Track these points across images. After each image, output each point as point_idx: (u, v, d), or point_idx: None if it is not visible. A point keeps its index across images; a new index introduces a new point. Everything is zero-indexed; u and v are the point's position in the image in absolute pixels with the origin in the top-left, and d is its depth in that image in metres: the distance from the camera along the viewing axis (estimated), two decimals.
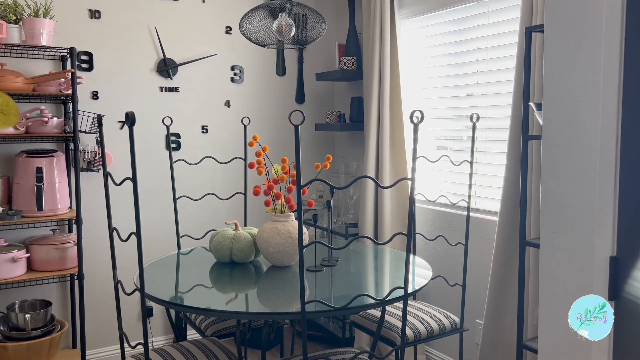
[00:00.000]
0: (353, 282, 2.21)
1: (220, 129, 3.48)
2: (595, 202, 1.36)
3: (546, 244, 1.50)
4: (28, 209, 2.70)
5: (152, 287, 2.06)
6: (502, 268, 2.52)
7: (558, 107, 1.48)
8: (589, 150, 1.39)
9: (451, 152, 3.03)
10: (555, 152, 1.48)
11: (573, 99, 1.44)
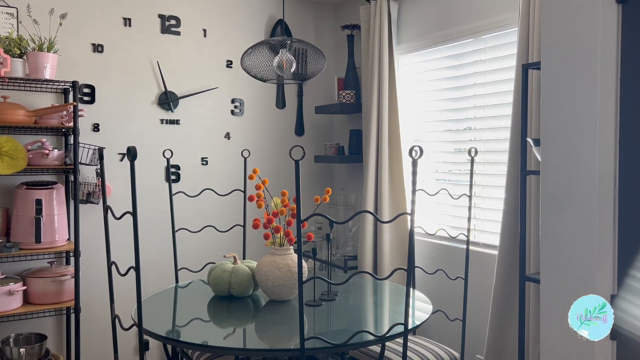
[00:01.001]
0: (352, 317, 2.19)
1: (220, 161, 3.50)
2: (594, 241, 1.36)
3: (547, 282, 1.50)
4: (26, 241, 2.69)
5: (149, 321, 2.03)
6: (502, 303, 2.50)
7: (556, 146, 1.50)
8: (587, 189, 1.40)
9: (450, 184, 3.04)
10: (554, 190, 1.49)
11: (570, 138, 1.46)
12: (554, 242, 1.47)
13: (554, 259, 1.47)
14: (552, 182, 1.49)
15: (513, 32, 2.60)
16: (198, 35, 3.42)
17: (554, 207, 1.48)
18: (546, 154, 1.53)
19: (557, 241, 1.46)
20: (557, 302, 1.47)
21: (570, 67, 1.46)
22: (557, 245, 1.46)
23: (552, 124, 1.52)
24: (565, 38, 1.47)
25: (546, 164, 1.52)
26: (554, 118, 1.50)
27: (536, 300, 2.33)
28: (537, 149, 2.06)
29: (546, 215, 1.50)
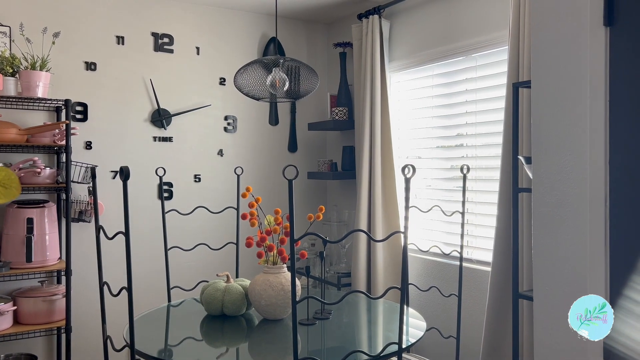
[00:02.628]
0: (346, 336, 2.18)
1: (213, 178, 3.50)
2: (587, 258, 1.37)
3: (540, 299, 1.50)
4: (17, 260, 2.67)
5: (142, 341, 2.01)
6: (496, 320, 2.50)
7: (547, 162, 1.51)
8: (578, 206, 1.41)
9: (442, 201, 3.05)
10: (545, 209, 1.50)
11: (561, 155, 1.48)
12: (546, 260, 1.48)
13: (546, 277, 1.48)
14: (543, 200, 1.50)
15: (504, 51, 2.63)
16: (191, 53, 3.44)
17: (546, 225, 1.49)
18: (537, 172, 1.54)
19: (549, 258, 1.47)
20: (550, 319, 1.47)
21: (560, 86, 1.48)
22: (550, 263, 1.46)
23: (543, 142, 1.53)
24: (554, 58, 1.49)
25: (538, 182, 1.53)
26: (545, 136, 1.52)
27: (530, 317, 2.33)
28: (529, 167, 2.07)
29: (538, 232, 1.51)
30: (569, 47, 1.44)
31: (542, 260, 1.49)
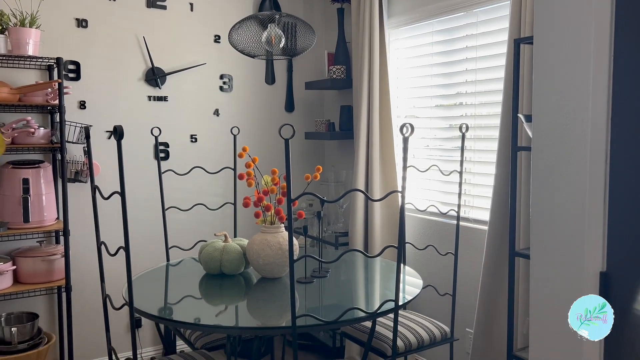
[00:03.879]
0: (344, 294, 2.21)
1: (209, 138, 3.46)
2: (585, 218, 1.36)
3: (536, 259, 1.51)
4: (14, 221, 2.67)
5: (141, 300, 2.03)
6: (491, 278, 2.52)
7: (547, 121, 1.49)
8: (578, 164, 1.39)
9: (440, 161, 3.04)
10: (544, 165, 1.48)
11: (562, 113, 1.45)
12: (544, 218, 1.47)
13: (544, 235, 1.47)
14: (543, 158, 1.48)
15: (505, 6, 2.56)
16: (185, 9, 3.35)
17: (544, 183, 1.47)
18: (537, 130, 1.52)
19: (547, 217, 1.46)
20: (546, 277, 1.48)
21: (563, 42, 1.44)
22: (548, 221, 1.46)
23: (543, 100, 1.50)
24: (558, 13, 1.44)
25: (537, 140, 1.51)
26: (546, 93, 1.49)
27: (525, 275, 2.35)
28: (529, 125, 2.05)
29: (537, 191, 1.50)
30: (573, 1, 1.40)
31: (539, 218, 1.49)
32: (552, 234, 1.45)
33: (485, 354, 2.57)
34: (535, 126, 1.54)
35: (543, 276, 1.48)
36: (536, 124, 1.53)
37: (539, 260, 1.50)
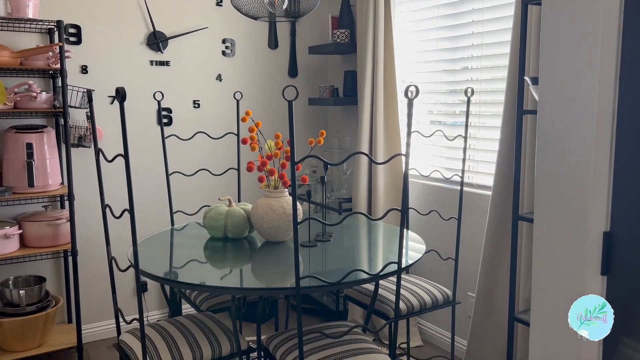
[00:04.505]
0: (347, 257, 2.22)
1: (212, 103, 3.44)
2: (589, 178, 1.36)
3: (540, 220, 1.51)
4: (19, 186, 2.68)
5: (146, 263, 2.05)
6: (494, 242, 2.54)
7: (554, 83, 1.47)
8: (585, 126, 1.38)
9: (445, 126, 3.02)
10: (550, 127, 1.47)
11: (569, 74, 1.43)
12: (548, 180, 1.47)
13: (548, 197, 1.47)
14: (549, 120, 1.47)
15: None
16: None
17: (550, 145, 1.47)
18: (544, 91, 1.50)
19: (552, 179, 1.46)
20: (550, 240, 1.48)
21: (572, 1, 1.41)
22: (552, 183, 1.46)
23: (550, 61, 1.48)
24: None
25: (543, 101, 1.50)
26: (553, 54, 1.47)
27: (528, 239, 2.36)
28: (535, 88, 2.03)
29: (542, 152, 1.49)
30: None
31: (544, 180, 1.49)
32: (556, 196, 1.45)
33: (487, 317, 2.60)
34: (542, 88, 1.52)
35: (546, 239, 1.49)
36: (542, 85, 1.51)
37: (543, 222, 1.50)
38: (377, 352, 1.96)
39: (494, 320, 2.58)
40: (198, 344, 2.00)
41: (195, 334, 2.06)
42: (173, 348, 1.96)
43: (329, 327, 2.12)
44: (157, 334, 2.05)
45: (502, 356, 2.54)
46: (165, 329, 2.09)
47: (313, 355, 1.90)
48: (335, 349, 1.94)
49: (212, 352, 2.00)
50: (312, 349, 1.94)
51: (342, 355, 1.91)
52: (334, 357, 1.89)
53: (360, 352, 1.94)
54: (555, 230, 1.45)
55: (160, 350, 1.94)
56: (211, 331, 2.09)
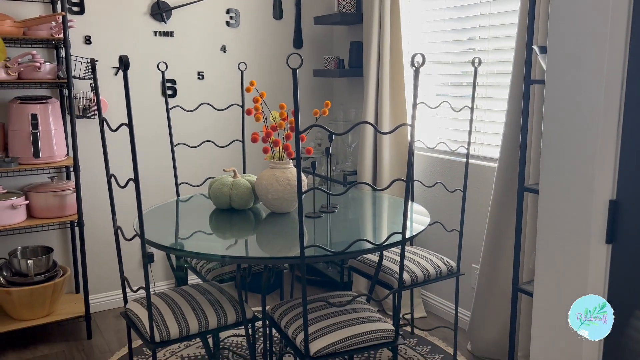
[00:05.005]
0: (351, 228, 2.23)
1: (216, 75, 3.42)
2: (597, 145, 1.34)
3: (545, 189, 1.50)
4: (24, 156, 2.68)
5: (153, 234, 2.07)
6: (499, 214, 2.53)
7: (563, 49, 1.45)
8: (593, 93, 1.36)
9: (451, 98, 2.99)
10: (557, 94, 1.45)
11: (578, 41, 1.41)
12: (555, 148, 1.45)
13: (554, 166, 1.46)
14: (556, 87, 1.45)
15: None
16: None
17: (557, 113, 1.45)
18: (552, 59, 1.48)
19: (558, 147, 1.44)
20: (555, 208, 1.47)
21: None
22: (558, 151, 1.44)
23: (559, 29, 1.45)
24: None
25: (551, 68, 1.48)
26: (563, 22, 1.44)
27: (533, 210, 2.35)
28: (543, 57, 1.99)
29: (549, 121, 1.48)
30: None
31: (550, 149, 1.47)
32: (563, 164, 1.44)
33: (491, 289, 2.61)
34: (550, 56, 1.49)
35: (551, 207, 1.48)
36: (551, 53, 1.49)
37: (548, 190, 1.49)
38: (380, 321, 1.98)
39: (498, 291, 2.59)
40: (204, 312, 2.02)
41: (201, 302, 2.08)
42: (179, 316, 1.98)
43: (333, 297, 2.14)
44: (163, 303, 2.08)
45: (505, 327, 2.56)
46: (171, 298, 2.12)
47: (317, 323, 1.92)
48: (339, 317, 1.96)
49: (218, 321, 2.02)
50: (316, 317, 1.96)
51: (346, 323, 1.93)
52: (338, 325, 1.91)
53: (364, 320, 1.96)
54: (560, 198, 1.45)
55: (167, 318, 1.97)
56: (217, 300, 2.11)
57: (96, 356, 2.71)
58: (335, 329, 1.89)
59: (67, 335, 2.92)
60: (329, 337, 1.86)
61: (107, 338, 2.90)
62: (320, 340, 1.85)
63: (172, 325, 1.94)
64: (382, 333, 1.93)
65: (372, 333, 1.91)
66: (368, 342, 1.90)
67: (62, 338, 2.88)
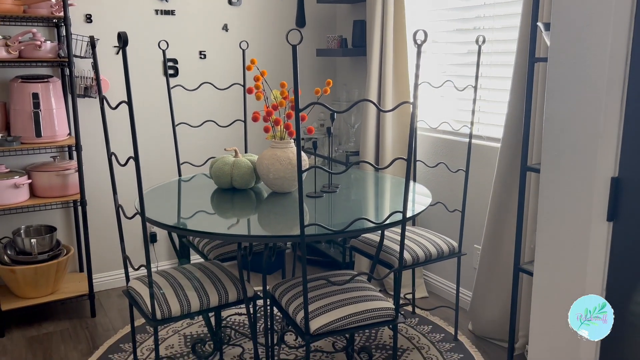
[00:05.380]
0: (353, 208, 2.22)
1: (218, 54, 3.39)
2: (600, 123, 1.33)
3: (547, 166, 1.49)
4: (26, 136, 2.68)
5: (155, 213, 2.07)
6: (502, 194, 2.52)
7: (567, 25, 1.42)
8: (596, 69, 1.34)
9: (455, 77, 2.96)
10: (561, 71, 1.43)
11: (583, 16, 1.38)
12: (557, 125, 1.44)
13: (556, 143, 1.45)
14: (560, 63, 1.43)
15: None
16: None
17: (560, 90, 1.43)
18: (555, 36, 1.46)
19: (560, 124, 1.43)
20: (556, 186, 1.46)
21: None
22: (561, 128, 1.43)
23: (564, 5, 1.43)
24: None
25: (555, 44, 1.45)
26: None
27: (536, 191, 2.34)
28: (547, 34, 1.96)
29: (551, 97, 1.46)
30: None
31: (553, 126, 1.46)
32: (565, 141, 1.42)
33: (492, 269, 2.61)
34: (554, 31, 1.47)
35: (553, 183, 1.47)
36: (554, 29, 1.46)
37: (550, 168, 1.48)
38: (381, 300, 1.98)
39: (500, 271, 2.59)
40: (205, 290, 2.03)
41: (202, 280, 2.09)
42: (180, 294, 1.99)
43: (334, 275, 2.14)
44: (164, 281, 2.09)
45: (506, 307, 2.57)
46: (172, 276, 2.13)
47: (318, 301, 1.93)
48: (340, 295, 1.97)
49: (219, 298, 2.03)
50: (317, 295, 1.97)
51: (347, 301, 1.93)
52: (338, 303, 1.92)
53: (364, 299, 1.96)
54: (562, 175, 1.43)
55: (168, 296, 1.98)
56: (218, 278, 2.12)
57: (100, 334, 2.74)
58: (335, 307, 1.90)
59: (72, 313, 2.95)
60: (329, 315, 1.86)
61: (110, 316, 2.93)
62: (320, 318, 1.85)
63: (173, 303, 1.95)
64: (382, 312, 1.93)
65: (372, 311, 1.91)
66: (368, 320, 1.91)
67: (66, 316, 2.91)
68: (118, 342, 2.64)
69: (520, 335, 2.51)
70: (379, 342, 2.62)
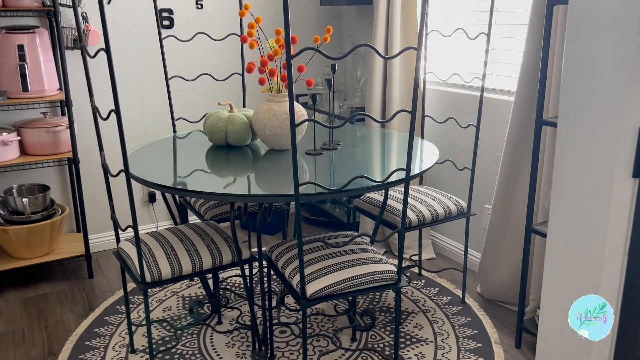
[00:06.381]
0: (356, 166, 2.09)
1: (216, 4, 3.20)
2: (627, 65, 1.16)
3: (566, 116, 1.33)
4: (13, 90, 2.56)
5: (149, 172, 1.95)
6: (515, 150, 2.36)
7: None
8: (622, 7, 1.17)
9: (467, 25, 2.76)
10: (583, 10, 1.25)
11: None
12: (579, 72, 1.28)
13: (576, 90, 1.29)
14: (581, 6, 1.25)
15: None
16: None
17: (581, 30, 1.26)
18: None
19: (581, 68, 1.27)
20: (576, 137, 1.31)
21: None
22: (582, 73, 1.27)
23: None
24: None
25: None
26: None
27: (551, 147, 2.18)
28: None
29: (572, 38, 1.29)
30: None
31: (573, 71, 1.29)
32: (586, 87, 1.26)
33: (503, 229, 2.48)
34: None
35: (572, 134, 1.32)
36: None
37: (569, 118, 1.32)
38: (382, 262, 1.87)
39: (510, 232, 2.46)
40: (198, 252, 1.93)
41: (195, 242, 1.99)
42: (171, 256, 1.90)
43: (333, 237, 2.03)
44: (156, 242, 1.99)
45: (516, 270, 2.45)
46: (164, 237, 2.03)
47: (315, 264, 1.82)
48: (339, 258, 1.86)
49: (213, 261, 1.94)
50: (315, 258, 1.86)
51: (346, 264, 1.82)
52: (336, 266, 1.81)
53: (365, 262, 1.85)
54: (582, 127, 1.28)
55: (158, 258, 1.88)
56: (212, 240, 2.02)
57: (97, 295, 2.68)
58: (333, 271, 1.79)
59: (69, 274, 2.89)
60: (326, 279, 1.76)
61: (108, 277, 2.86)
62: (316, 282, 1.75)
63: (163, 266, 1.86)
64: (383, 275, 1.82)
65: (372, 275, 1.80)
66: (367, 284, 1.80)
67: (63, 277, 2.85)
68: (115, 304, 2.58)
69: (530, 299, 2.39)
70: (383, 305, 2.53)
